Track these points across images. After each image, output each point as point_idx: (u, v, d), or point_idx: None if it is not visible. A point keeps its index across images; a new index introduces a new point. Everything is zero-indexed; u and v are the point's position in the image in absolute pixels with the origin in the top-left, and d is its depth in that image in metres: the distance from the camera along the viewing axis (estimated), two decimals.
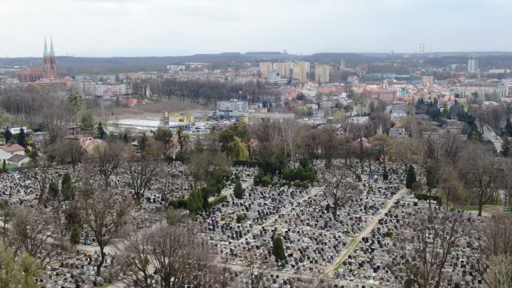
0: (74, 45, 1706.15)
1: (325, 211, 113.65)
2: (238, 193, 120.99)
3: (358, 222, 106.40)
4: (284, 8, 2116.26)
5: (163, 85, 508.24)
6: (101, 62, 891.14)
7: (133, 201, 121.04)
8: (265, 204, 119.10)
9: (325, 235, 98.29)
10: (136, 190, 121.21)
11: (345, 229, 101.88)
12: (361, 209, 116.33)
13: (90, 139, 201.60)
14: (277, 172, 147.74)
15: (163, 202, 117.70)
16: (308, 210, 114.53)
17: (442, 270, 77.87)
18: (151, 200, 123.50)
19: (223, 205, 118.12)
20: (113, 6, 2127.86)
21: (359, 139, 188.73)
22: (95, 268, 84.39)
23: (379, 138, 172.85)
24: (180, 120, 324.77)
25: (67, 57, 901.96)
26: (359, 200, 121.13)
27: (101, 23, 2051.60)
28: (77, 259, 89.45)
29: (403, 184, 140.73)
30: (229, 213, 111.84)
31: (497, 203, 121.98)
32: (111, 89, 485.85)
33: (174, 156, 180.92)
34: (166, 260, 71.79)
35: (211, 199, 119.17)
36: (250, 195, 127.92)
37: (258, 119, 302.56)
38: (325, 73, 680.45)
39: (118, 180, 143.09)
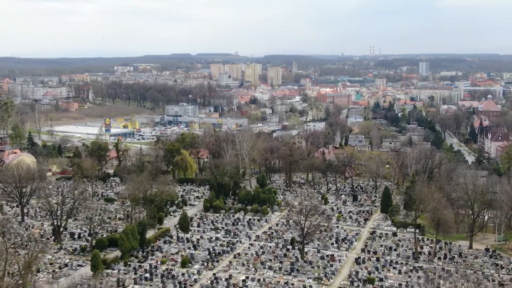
0: (20, 46, 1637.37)
1: (290, 247, 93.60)
2: (184, 226, 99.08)
3: (331, 263, 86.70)
4: (234, 9, 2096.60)
5: (107, 87, 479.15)
6: (46, 63, 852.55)
7: (53, 237, 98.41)
8: (217, 239, 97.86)
9: (293, 284, 77.96)
10: (56, 223, 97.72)
11: (316, 274, 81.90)
12: (332, 243, 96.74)
13: (15, 152, 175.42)
14: (231, 193, 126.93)
15: (90, 239, 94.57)
16: (270, 247, 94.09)
17: None
18: (76, 236, 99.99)
19: (165, 242, 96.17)
20: (61, 6, 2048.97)
21: (320, 150, 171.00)
22: None
23: (344, 150, 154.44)
24: (124, 127, 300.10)
25: (11, 58, 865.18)
26: (328, 230, 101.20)
27: (48, 23, 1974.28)
28: None
29: (375, 206, 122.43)
30: (172, 254, 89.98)
31: (487, 230, 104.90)
32: (50, 92, 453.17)
33: (112, 172, 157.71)
34: None
35: (150, 233, 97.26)
36: (199, 225, 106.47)
37: (209, 125, 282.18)
38: (278, 76, 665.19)
39: (39, 207, 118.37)
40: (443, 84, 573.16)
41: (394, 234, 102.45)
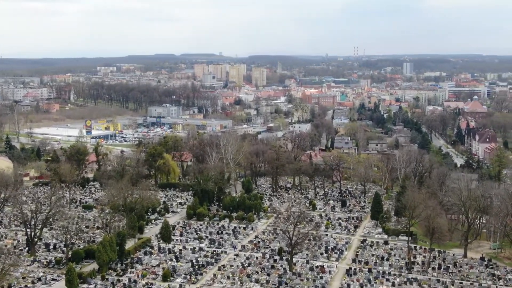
0: (2, 46, 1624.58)
1: (278, 258, 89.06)
2: (166, 235, 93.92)
3: (321, 275, 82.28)
4: (218, 10, 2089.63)
5: (89, 88, 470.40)
6: (29, 64, 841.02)
7: (26, 248, 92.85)
8: (200, 249, 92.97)
9: None
10: (30, 233, 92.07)
11: (305, 287, 77.47)
12: (321, 253, 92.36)
13: None
14: (215, 200, 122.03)
15: (66, 250, 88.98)
16: (256, 257, 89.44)
17: None
18: (51, 247, 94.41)
19: (145, 253, 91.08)
20: (44, 6, 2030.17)
21: (307, 153, 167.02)
22: None
23: (331, 153, 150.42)
24: (105, 128, 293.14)
25: None
26: (317, 239, 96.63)
27: (31, 24, 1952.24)
28: None
29: (365, 212, 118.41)
30: (152, 266, 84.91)
31: (481, 237, 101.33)
32: (31, 93, 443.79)
33: (93, 176, 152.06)
34: None
35: (130, 243, 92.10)
36: (181, 234, 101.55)
37: (193, 127, 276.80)
38: (262, 76, 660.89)
39: (13, 216, 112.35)
40: (428, 84, 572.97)
41: (386, 243, 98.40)
